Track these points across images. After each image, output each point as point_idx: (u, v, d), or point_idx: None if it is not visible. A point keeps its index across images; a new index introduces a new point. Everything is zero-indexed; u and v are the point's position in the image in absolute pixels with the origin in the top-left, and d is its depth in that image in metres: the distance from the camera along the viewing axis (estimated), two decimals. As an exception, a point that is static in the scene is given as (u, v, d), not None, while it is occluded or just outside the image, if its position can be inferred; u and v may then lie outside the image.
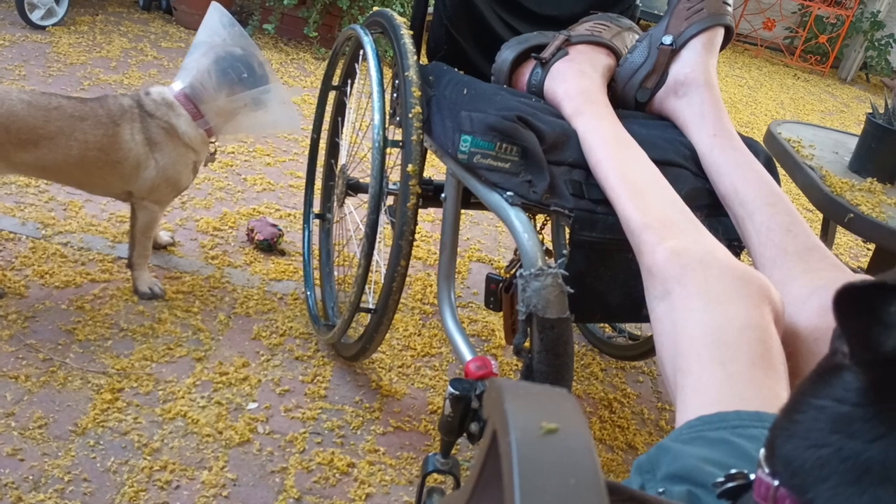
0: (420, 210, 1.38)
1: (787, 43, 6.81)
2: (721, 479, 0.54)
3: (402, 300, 1.91)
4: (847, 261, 2.80)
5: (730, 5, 1.34)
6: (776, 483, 0.47)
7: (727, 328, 0.81)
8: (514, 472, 0.39)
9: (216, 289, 1.83)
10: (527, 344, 1.07)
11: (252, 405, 1.50)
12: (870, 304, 0.41)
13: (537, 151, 1.16)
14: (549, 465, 0.40)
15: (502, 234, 2.46)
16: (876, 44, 6.37)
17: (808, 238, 1.02)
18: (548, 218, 1.58)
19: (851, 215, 1.48)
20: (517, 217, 1.11)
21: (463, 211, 1.47)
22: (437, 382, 1.70)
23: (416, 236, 2.28)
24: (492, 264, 2.27)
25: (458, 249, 2.26)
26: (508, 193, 1.14)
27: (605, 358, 1.94)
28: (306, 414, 1.51)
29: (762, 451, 0.50)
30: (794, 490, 0.46)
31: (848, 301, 0.42)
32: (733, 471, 0.54)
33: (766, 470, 0.48)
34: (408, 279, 2.04)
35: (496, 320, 1.96)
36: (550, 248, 1.90)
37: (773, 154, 1.83)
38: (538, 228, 1.58)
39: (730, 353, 0.79)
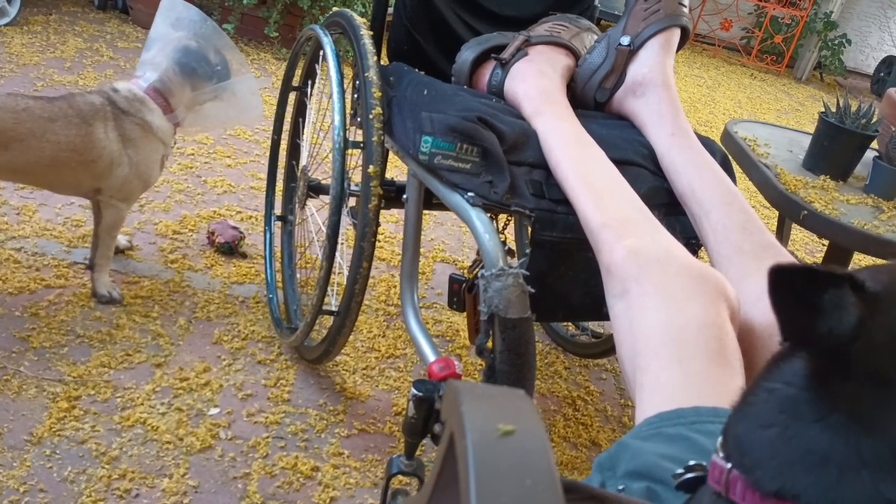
0: (384, 211, 1.38)
1: (743, 43, 6.94)
2: (680, 471, 0.55)
3: (365, 302, 1.90)
4: (803, 256, 2.86)
5: (686, 6, 1.36)
6: (729, 465, 0.48)
7: (684, 326, 0.82)
8: (470, 474, 0.39)
9: (176, 293, 1.80)
10: (489, 344, 1.07)
11: (213, 411, 1.48)
12: (804, 291, 0.43)
13: (498, 152, 1.16)
14: (506, 468, 0.40)
15: (466, 234, 2.47)
16: (829, 44, 6.53)
17: (762, 236, 1.04)
18: (510, 217, 1.59)
19: (806, 212, 1.51)
20: (478, 218, 1.12)
21: (426, 211, 1.47)
22: (402, 384, 1.69)
23: (380, 237, 2.27)
24: (455, 264, 2.28)
25: (422, 250, 2.26)
26: (469, 194, 1.14)
27: (568, 356, 1.95)
28: (269, 418, 1.50)
29: (720, 438, 0.51)
30: (744, 469, 0.47)
31: (783, 287, 0.43)
32: (692, 462, 0.55)
33: (721, 454, 0.49)
34: (372, 280, 2.03)
35: (460, 320, 1.96)
36: (513, 247, 1.91)
37: (730, 152, 1.86)
38: (500, 228, 1.58)
39: (687, 350, 0.80)
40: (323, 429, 1.51)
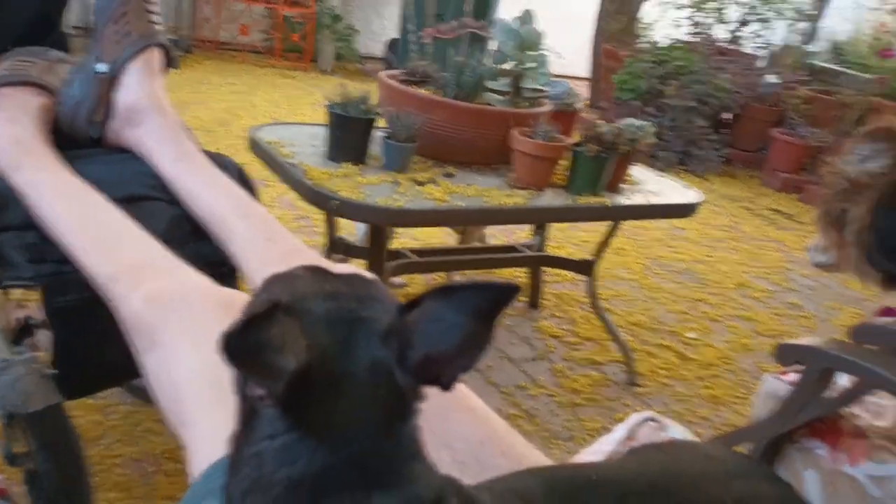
0: None
1: (267, 45, 7.17)
2: None
3: None
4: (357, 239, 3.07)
5: (158, 24, 1.30)
6: None
7: (219, 363, 0.78)
8: None
9: None
10: (19, 449, 0.90)
11: None
12: (256, 338, 0.41)
13: (-30, 223, 0.97)
14: None
15: None
16: (341, 35, 7.10)
17: (286, 242, 1.05)
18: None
19: (337, 202, 1.59)
20: (-37, 307, 0.92)
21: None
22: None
23: None
24: None
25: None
26: (-55, 281, 0.94)
27: (155, 408, 1.80)
28: None
29: None
30: None
31: (237, 345, 0.41)
32: None
33: None
34: None
35: None
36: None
37: (260, 159, 1.88)
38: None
39: (226, 390, 0.76)
40: None
